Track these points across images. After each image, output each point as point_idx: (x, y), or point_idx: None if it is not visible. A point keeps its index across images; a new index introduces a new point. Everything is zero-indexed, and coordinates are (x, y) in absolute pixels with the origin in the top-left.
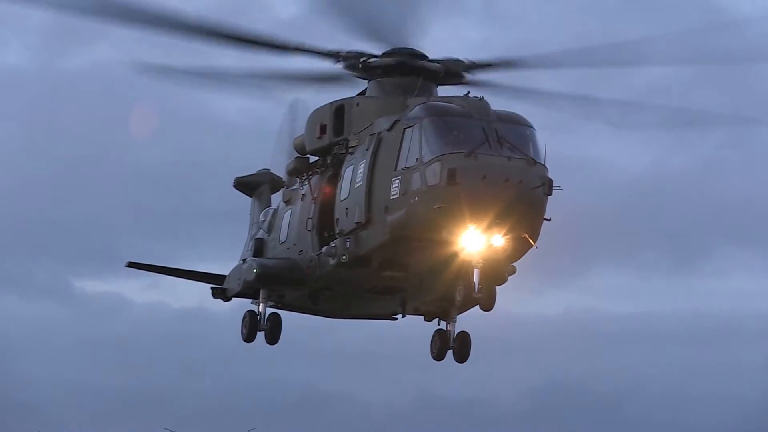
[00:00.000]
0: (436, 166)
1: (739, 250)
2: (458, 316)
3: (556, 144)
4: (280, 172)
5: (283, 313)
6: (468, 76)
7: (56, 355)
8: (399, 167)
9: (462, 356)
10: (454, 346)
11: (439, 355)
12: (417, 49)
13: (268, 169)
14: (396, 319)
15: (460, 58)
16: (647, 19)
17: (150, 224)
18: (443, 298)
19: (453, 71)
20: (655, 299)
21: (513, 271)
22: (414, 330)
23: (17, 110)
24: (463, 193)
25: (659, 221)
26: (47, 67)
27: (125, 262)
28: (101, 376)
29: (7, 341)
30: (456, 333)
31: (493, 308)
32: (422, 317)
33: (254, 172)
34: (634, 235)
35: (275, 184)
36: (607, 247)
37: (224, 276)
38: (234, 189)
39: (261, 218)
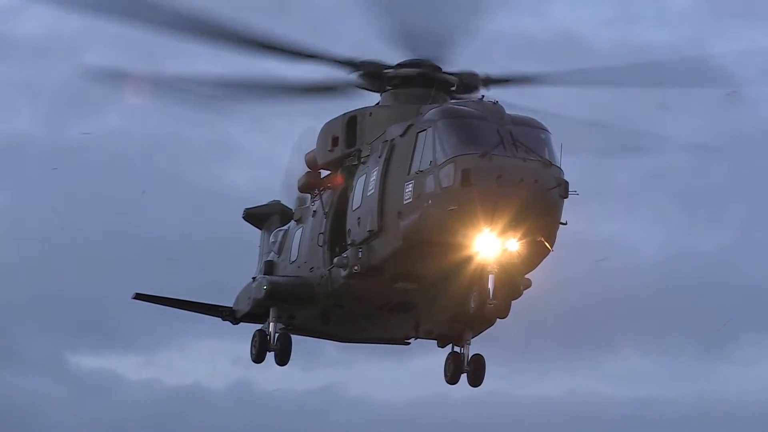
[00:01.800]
0: (450, 167)
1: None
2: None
3: (570, 224)
4: (291, 204)
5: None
6: (483, 91)
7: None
8: (412, 171)
9: (476, 380)
10: (468, 369)
11: (452, 379)
12: (433, 60)
13: (279, 201)
14: (408, 343)
15: (477, 71)
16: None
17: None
18: (456, 317)
19: (469, 85)
20: (679, 385)
21: (528, 285)
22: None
23: (16, 180)
24: (477, 194)
25: (681, 304)
26: (55, 135)
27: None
28: None
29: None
30: (470, 356)
31: (507, 316)
32: (435, 342)
33: (264, 203)
34: (655, 318)
35: (285, 215)
36: (628, 331)
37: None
38: (244, 221)
39: (271, 239)
